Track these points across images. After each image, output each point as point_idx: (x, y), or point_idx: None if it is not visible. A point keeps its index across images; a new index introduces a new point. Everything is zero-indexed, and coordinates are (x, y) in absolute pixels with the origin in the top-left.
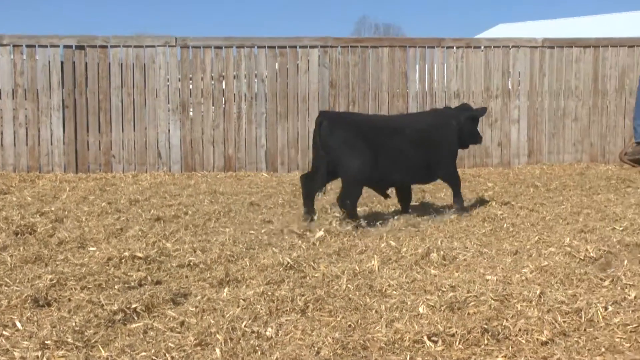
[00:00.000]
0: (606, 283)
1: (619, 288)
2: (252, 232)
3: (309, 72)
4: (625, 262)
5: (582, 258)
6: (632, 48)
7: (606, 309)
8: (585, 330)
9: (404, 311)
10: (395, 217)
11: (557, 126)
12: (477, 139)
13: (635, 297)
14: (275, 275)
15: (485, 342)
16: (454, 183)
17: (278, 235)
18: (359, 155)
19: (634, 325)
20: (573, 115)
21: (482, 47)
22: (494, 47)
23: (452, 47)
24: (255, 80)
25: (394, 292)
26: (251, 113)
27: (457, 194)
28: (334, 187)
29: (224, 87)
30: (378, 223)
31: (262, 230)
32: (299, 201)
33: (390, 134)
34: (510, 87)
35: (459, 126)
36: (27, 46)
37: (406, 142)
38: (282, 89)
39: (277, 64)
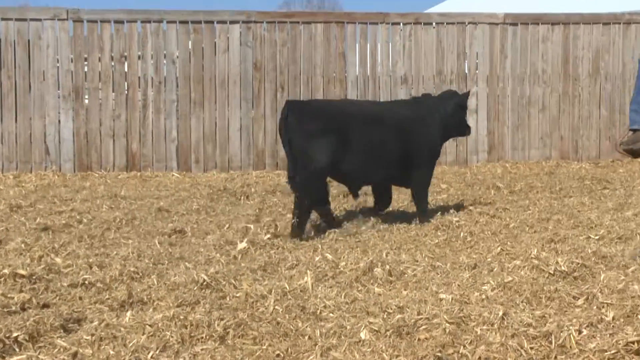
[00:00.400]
0: (580, 302)
1: (595, 308)
2: (161, 244)
3: (229, 52)
4: (602, 276)
5: (552, 272)
6: (608, 25)
7: (580, 332)
8: (555, 358)
9: (343, 337)
10: (340, 226)
11: (522, 117)
12: (464, 129)
13: (613, 318)
14: (189, 295)
15: None
16: (422, 187)
17: (193, 248)
18: (325, 149)
19: (612, 352)
20: (540, 104)
21: (434, 24)
22: (448, 23)
23: (399, 24)
24: (165, 61)
25: (331, 314)
26: (159, 100)
27: (422, 200)
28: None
29: (126, 69)
30: (312, 232)
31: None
32: (217, 206)
33: (366, 124)
34: (466, 71)
35: (445, 119)
36: None
37: (384, 134)
38: (196, 71)
39: (190, 42)
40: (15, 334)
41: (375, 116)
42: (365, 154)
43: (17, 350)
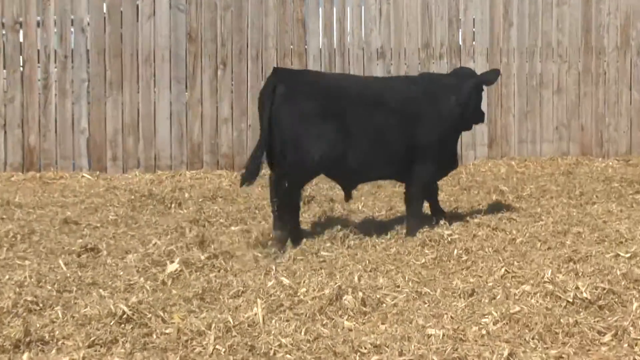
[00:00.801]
0: (607, 338)
1: (626, 346)
2: (67, 265)
3: (156, 19)
4: (635, 306)
5: (571, 301)
6: None
7: None
8: None
9: None
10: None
11: (532, 101)
12: (480, 116)
13: None
14: (104, 332)
15: None
16: (420, 186)
17: (109, 271)
18: (320, 136)
19: None
20: (555, 85)
21: None
22: None
23: None
24: (72, 29)
25: (288, 355)
26: (65, 80)
27: (415, 201)
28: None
29: (21, 39)
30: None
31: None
32: (140, 217)
33: (370, 105)
34: (460, 43)
35: (462, 103)
36: None
37: (390, 118)
38: (113, 43)
39: (105, 5)
40: None
41: (379, 95)
42: (369, 144)
43: None
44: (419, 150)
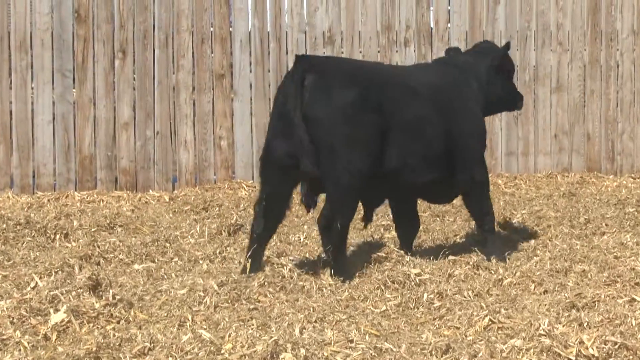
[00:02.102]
0: None
1: None
2: None
3: None
4: None
5: (574, 359)
6: None
7: None
8: None
9: None
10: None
11: (524, 101)
12: (515, 100)
13: None
14: None
15: None
16: (483, 195)
17: None
18: (366, 142)
19: None
20: (554, 80)
21: None
22: None
23: None
24: None
25: None
26: None
27: (487, 214)
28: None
29: None
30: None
31: None
32: (14, 252)
33: (407, 98)
34: (432, 26)
35: (485, 86)
36: None
37: (427, 113)
38: None
39: None
40: None
41: (411, 86)
42: (410, 145)
43: None
44: (457, 152)
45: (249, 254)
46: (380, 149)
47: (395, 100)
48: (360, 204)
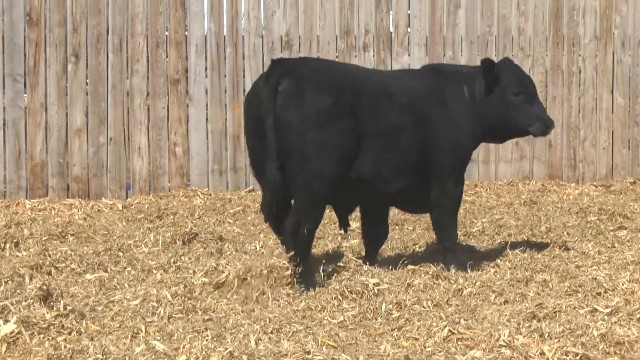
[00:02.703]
0: None
1: None
2: None
3: None
4: None
5: None
6: None
7: None
8: None
9: None
10: None
11: None
12: (531, 122)
13: None
14: None
15: None
16: (449, 210)
17: None
18: (338, 148)
19: None
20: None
21: None
22: None
23: None
24: None
25: None
26: None
27: (449, 231)
28: None
29: None
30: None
31: None
32: None
33: (384, 104)
34: (392, 30)
35: (478, 98)
36: None
37: (402, 119)
38: None
39: None
40: None
41: (389, 91)
42: (383, 151)
43: None
44: (432, 163)
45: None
46: (353, 156)
47: (370, 106)
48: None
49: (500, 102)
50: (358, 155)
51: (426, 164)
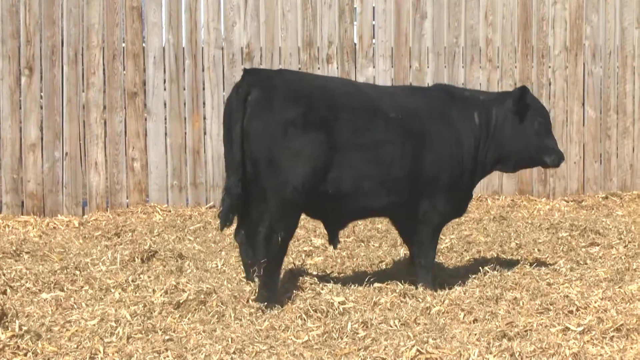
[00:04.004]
0: None
1: None
2: None
3: None
4: None
5: None
6: None
7: None
8: None
9: None
10: None
11: None
12: (542, 155)
13: None
14: None
15: None
16: (430, 234)
17: None
18: (313, 152)
19: None
20: None
21: None
22: None
23: None
24: None
25: None
26: None
27: (426, 254)
28: None
29: None
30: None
31: None
32: None
33: (365, 116)
34: (355, 41)
35: (489, 124)
36: None
37: (390, 135)
38: None
39: None
40: None
41: (382, 103)
42: (364, 166)
43: None
44: (423, 184)
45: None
46: (324, 168)
47: (344, 118)
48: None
49: (524, 131)
50: (333, 168)
51: (412, 180)
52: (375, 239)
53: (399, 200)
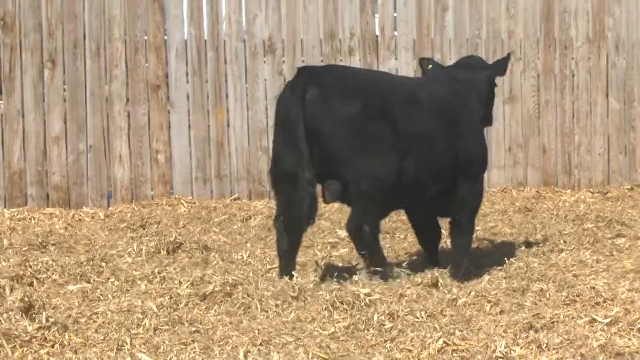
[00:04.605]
0: None
1: None
2: None
3: None
4: None
5: None
6: None
7: None
8: None
9: None
10: None
11: None
12: (490, 118)
13: None
14: None
15: None
16: (470, 213)
17: None
18: (381, 149)
19: None
20: (506, 91)
21: None
22: None
23: None
24: None
25: None
26: None
27: (466, 234)
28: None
29: None
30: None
31: None
32: None
33: (413, 109)
34: (377, 33)
35: (484, 102)
36: None
37: (432, 123)
38: None
39: None
40: None
41: (416, 95)
42: (421, 154)
43: None
44: (458, 166)
45: (283, 275)
46: (395, 158)
47: (397, 110)
48: None
49: (490, 101)
50: (398, 157)
51: (454, 166)
52: (401, 231)
53: (445, 187)
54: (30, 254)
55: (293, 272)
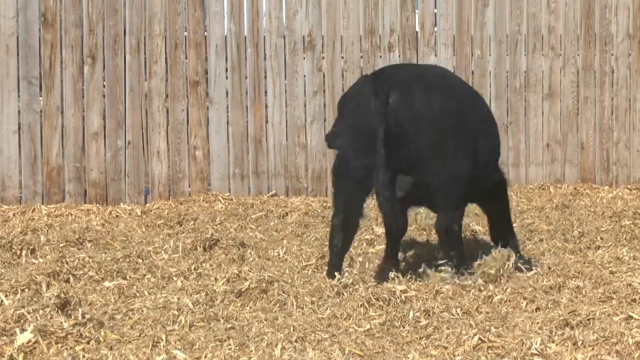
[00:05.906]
0: None
1: None
2: None
3: None
4: None
5: None
6: None
7: None
8: None
9: None
10: None
11: (514, 108)
12: None
13: None
14: None
15: None
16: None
17: None
18: (466, 148)
19: None
20: (545, 87)
21: None
22: None
23: None
24: None
25: None
26: None
27: (511, 227)
28: None
29: None
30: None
31: None
32: None
33: (468, 104)
34: (417, 30)
35: None
36: None
37: (478, 120)
38: None
39: None
40: None
41: (462, 91)
42: (480, 150)
43: None
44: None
45: (331, 270)
46: (473, 155)
47: (463, 106)
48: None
49: None
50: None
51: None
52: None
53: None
54: (67, 250)
55: (341, 268)
